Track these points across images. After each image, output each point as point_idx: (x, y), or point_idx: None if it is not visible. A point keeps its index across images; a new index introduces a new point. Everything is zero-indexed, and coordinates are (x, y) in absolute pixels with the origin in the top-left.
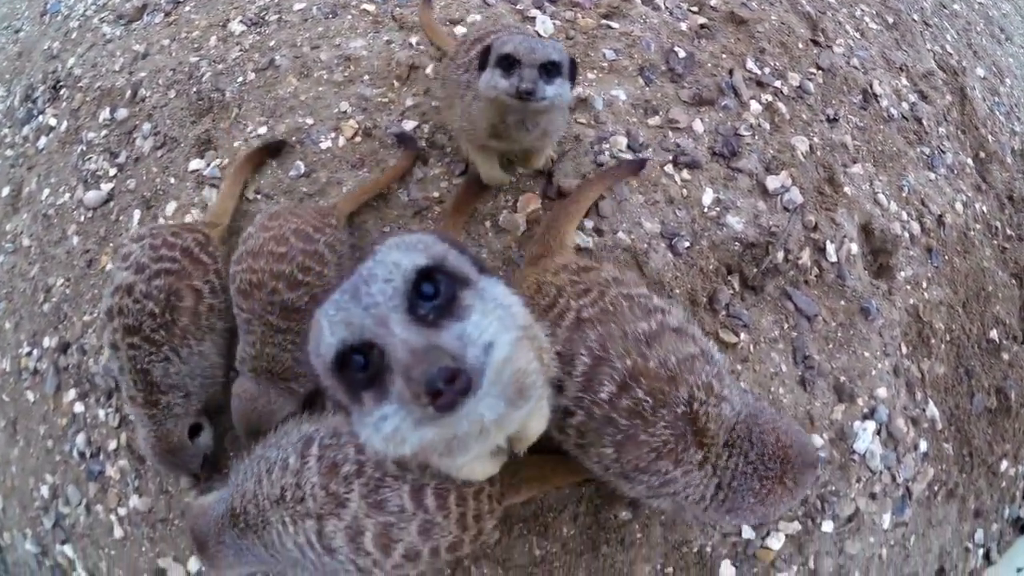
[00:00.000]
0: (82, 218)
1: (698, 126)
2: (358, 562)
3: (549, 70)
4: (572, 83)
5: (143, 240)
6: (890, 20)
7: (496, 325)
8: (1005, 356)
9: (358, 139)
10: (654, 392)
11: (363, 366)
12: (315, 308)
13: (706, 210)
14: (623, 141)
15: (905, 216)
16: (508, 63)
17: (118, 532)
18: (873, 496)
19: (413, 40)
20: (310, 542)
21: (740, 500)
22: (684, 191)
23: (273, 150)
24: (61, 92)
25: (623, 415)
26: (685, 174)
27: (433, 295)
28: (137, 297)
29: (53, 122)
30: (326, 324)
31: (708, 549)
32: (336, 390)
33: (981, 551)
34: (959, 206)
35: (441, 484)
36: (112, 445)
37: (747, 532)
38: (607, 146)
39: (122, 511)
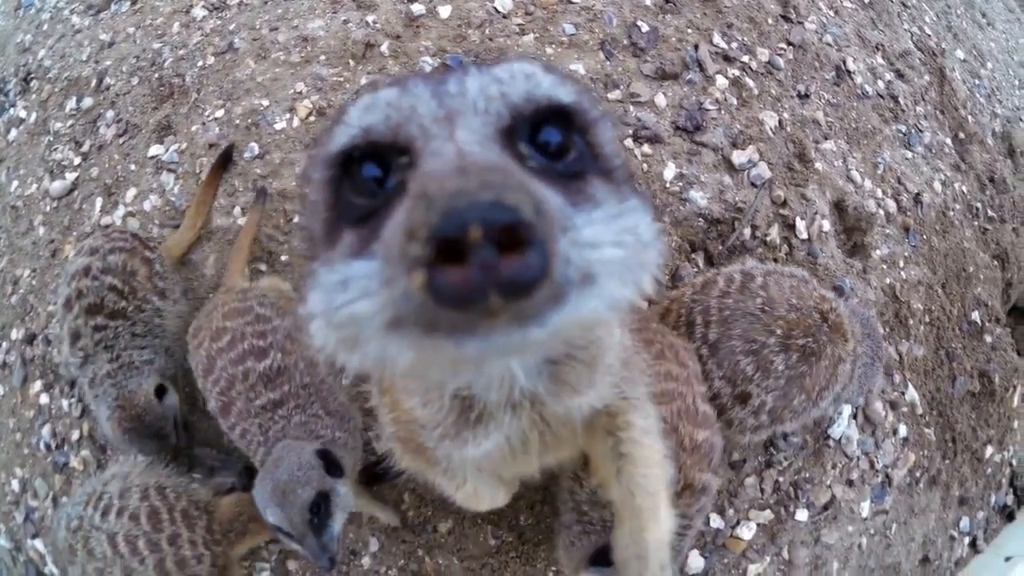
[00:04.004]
0: (48, 208)
1: (660, 100)
2: None
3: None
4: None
5: (96, 232)
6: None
7: (617, 255)
8: (988, 339)
9: (312, 119)
10: (805, 330)
11: (373, 184)
12: None
13: (668, 185)
14: None
15: (880, 194)
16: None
17: None
18: (850, 483)
19: (370, 19)
20: None
21: (871, 372)
22: (644, 165)
23: (225, 159)
24: (31, 84)
25: (800, 364)
26: (646, 148)
27: (556, 152)
28: (95, 274)
29: (23, 114)
30: (362, 101)
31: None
32: (314, 214)
33: (967, 539)
34: (937, 185)
35: (131, 531)
36: (75, 435)
37: (716, 522)
38: None
39: None
